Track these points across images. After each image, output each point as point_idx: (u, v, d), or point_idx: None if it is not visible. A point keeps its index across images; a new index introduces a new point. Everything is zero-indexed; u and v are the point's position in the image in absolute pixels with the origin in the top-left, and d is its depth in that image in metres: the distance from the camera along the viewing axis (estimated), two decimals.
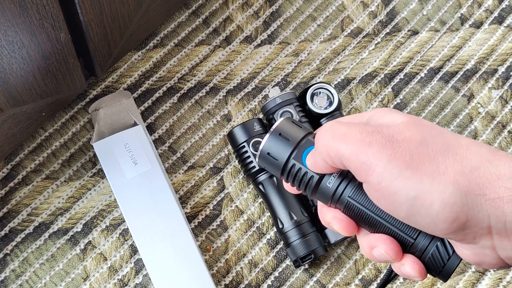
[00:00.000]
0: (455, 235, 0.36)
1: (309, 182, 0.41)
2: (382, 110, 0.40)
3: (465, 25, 0.76)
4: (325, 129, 0.39)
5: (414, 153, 0.36)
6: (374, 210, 0.39)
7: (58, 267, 0.64)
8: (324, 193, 0.41)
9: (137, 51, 0.72)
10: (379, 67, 0.73)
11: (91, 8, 0.56)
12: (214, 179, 0.68)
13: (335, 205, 0.41)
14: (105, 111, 0.67)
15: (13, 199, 0.65)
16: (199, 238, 0.65)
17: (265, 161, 0.42)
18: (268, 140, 0.42)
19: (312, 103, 0.66)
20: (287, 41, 0.74)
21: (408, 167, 0.35)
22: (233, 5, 0.75)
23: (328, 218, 0.41)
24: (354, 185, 0.40)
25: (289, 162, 0.41)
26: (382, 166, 0.36)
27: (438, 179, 0.35)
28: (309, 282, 0.64)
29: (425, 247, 0.39)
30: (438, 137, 0.37)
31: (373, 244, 0.40)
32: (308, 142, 0.41)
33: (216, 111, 0.70)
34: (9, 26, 0.48)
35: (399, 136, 0.36)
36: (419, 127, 0.37)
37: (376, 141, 0.36)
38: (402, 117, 0.38)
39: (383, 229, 0.40)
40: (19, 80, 0.55)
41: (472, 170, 0.35)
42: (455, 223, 0.35)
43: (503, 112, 0.72)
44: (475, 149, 0.36)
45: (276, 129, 0.42)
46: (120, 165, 0.63)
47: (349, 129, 0.38)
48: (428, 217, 0.35)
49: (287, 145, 0.41)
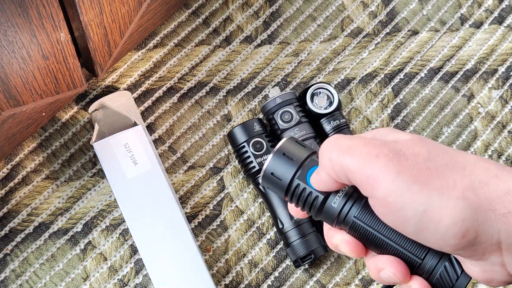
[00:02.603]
0: (464, 251, 0.35)
1: (314, 202, 0.40)
2: (385, 129, 0.40)
3: (465, 25, 0.76)
4: (329, 143, 0.38)
5: (422, 167, 0.35)
6: (380, 230, 0.39)
7: (58, 267, 0.64)
8: (329, 213, 0.40)
9: (137, 51, 0.72)
10: (379, 67, 0.73)
11: (91, 8, 0.55)
12: (214, 179, 0.68)
13: (341, 226, 0.40)
14: (105, 111, 0.67)
15: (13, 199, 0.65)
16: (199, 238, 0.65)
17: (269, 181, 0.42)
18: (272, 160, 0.41)
19: (312, 103, 0.66)
20: (287, 41, 0.74)
21: (416, 182, 0.35)
22: (233, 5, 0.75)
23: (335, 241, 0.41)
24: (359, 205, 0.39)
25: (293, 182, 0.41)
26: (390, 180, 0.35)
27: (447, 194, 0.34)
28: (309, 282, 0.64)
29: (433, 267, 0.38)
30: (445, 153, 0.36)
31: (380, 266, 0.39)
32: (312, 161, 0.41)
33: (216, 111, 0.70)
34: (9, 26, 0.48)
35: (407, 151, 0.36)
36: (425, 143, 0.37)
37: (383, 154, 0.36)
38: (407, 135, 0.38)
39: (390, 250, 0.39)
40: (19, 80, 0.55)
41: (481, 185, 0.35)
42: (464, 238, 0.34)
43: (503, 112, 0.72)
44: (482, 165, 0.36)
45: (280, 149, 0.41)
46: (120, 165, 0.63)
47: (354, 141, 0.37)
48: (438, 233, 0.35)
49: (291, 165, 0.41)
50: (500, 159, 0.70)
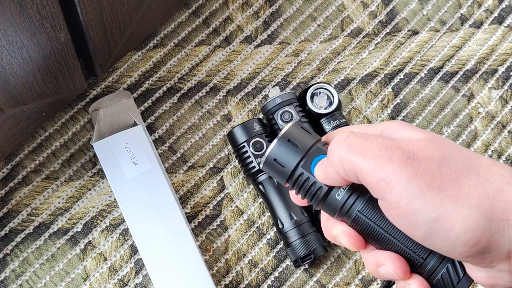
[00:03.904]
0: (472, 259, 0.35)
1: (317, 193, 0.39)
2: (396, 124, 0.39)
3: (465, 25, 0.76)
4: (340, 140, 0.37)
5: (436, 172, 0.34)
6: (384, 227, 0.38)
7: (58, 267, 0.64)
8: (332, 205, 0.39)
9: (137, 51, 0.72)
10: (379, 67, 0.73)
11: (91, 8, 0.56)
12: (214, 179, 0.68)
13: (342, 218, 0.39)
14: (105, 111, 0.67)
15: (13, 199, 0.65)
16: (199, 238, 0.65)
17: (271, 167, 0.40)
18: (276, 146, 0.40)
19: (312, 103, 0.66)
20: (287, 41, 0.74)
21: (430, 187, 0.34)
22: (233, 5, 0.75)
23: (335, 232, 0.40)
24: (364, 199, 0.38)
25: (296, 170, 0.39)
26: (403, 184, 0.34)
27: (461, 202, 0.34)
28: (309, 282, 0.64)
29: (435, 268, 0.38)
30: (459, 156, 0.36)
31: (380, 262, 0.39)
32: (317, 150, 0.39)
33: (216, 111, 0.70)
34: (9, 26, 0.48)
35: (420, 154, 0.35)
36: (440, 144, 0.36)
37: (396, 157, 0.35)
38: (420, 133, 0.37)
39: (392, 247, 0.38)
40: (19, 80, 0.55)
41: (495, 193, 0.34)
42: (475, 247, 0.34)
43: (503, 112, 0.72)
44: (496, 171, 0.35)
45: (285, 135, 0.40)
46: (120, 165, 0.63)
47: (366, 142, 0.36)
48: (448, 240, 0.34)
49: (296, 152, 0.39)
50: (500, 159, 0.70)
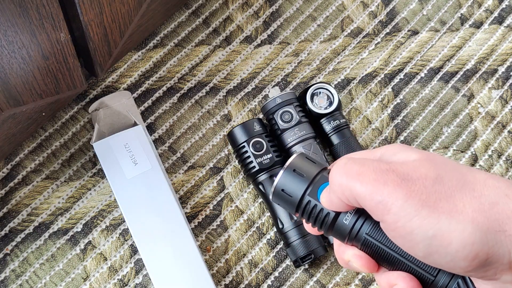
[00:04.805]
0: (475, 273, 0.35)
1: (325, 219, 0.40)
2: (394, 147, 0.40)
3: (465, 25, 0.76)
4: (339, 167, 0.38)
5: (430, 191, 0.35)
6: (392, 247, 0.39)
7: (58, 267, 0.64)
8: (341, 230, 0.40)
9: (137, 51, 0.72)
10: (379, 67, 0.73)
11: (91, 8, 0.55)
12: (214, 179, 0.68)
13: (352, 243, 0.40)
14: (105, 111, 0.67)
15: (13, 199, 0.65)
16: (199, 238, 0.65)
17: (279, 197, 0.41)
18: (282, 176, 0.41)
19: (312, 103, 0.66)
20: (287, 41, 0.74)
21: (425, 206, 0.35)
22: (233, 5, 0.75)
23: (347, 256, 0.41)
24: (371, 222, 0.39)
25: (304, 198, 0.40)
26: (398, 205, 0.35)
27: (456, 218, 0.34)
28: (309, 282, 0.64)
29: (445, 285, 0.38)
30: (453, 173, 0.36)
31: (393, 282, 0.39)
32: (322, 178, 0.41)
33: (216, 111, 0.70)
34: (9, 26, 0.48)
35: (414, 174, 0.36)
36: (434, 163, 0.37)
37: (391, 180, 0.36)
38: (415, 154, 0.38)
39: (402, 267, 0.39)
40: (19, 80, 0.55)
41: (491, 206, 0.35)
42: (475, 261, 0.34)
43: (503, 112, 0.72)
44: (492, 183, 0.36)
45: (290, 165, 0.41)
46: (120, 165, 0.63)
47: (363, 167, 0.37)
48: (447, 256, 0.35)
49: (301, 182, 0.41)
50: (500, 159, 0.70)
